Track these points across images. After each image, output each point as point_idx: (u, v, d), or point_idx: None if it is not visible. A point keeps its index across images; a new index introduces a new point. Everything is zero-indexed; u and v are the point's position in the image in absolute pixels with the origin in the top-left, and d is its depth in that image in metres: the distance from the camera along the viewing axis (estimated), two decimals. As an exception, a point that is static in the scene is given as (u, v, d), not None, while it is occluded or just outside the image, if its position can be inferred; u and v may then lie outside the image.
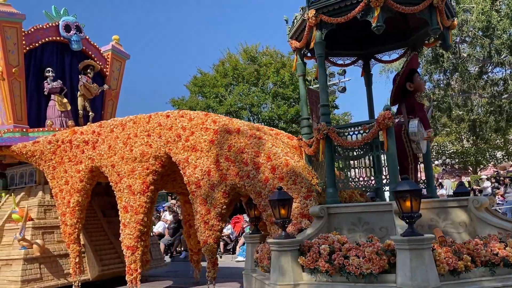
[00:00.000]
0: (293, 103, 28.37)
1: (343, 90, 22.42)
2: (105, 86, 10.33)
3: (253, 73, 28.36)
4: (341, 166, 5.15)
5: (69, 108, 9.51)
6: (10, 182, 9.53)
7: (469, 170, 30.15)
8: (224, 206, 5.80)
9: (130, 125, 6.99)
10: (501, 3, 18.80)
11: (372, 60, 6.66)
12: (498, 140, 27.38)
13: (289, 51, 29.99)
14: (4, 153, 8.51)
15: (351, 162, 5.09)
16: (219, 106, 25.62)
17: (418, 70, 5.49)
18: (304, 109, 5.81)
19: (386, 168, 5.20)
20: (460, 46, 19.72)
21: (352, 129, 4.86)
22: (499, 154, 28.97)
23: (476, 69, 21.10)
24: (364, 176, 5.20)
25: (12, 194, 8.71)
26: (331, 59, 6.46)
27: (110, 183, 7.10)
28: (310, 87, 7.49)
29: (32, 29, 9.28)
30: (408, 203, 3.65)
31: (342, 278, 3.95)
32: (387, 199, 5.24)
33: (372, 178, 4.89)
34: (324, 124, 4.89)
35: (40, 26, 9.43)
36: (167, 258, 12.18)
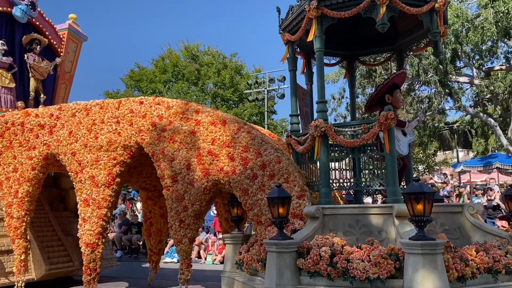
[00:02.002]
0: (233, 105, 28.09)
1: (282, 96, 23.30)
2: (58, 59, 9.27)
3: (194, 72, 27.78)
4: (338, 166, 4.96)
5: (13, 85, 8.46)
6: None
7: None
8: (204, 204, 5.39)
9: (96, 110, 6.35)
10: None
11: (356, 62, 6.63)
12: (420, 154, 28.99)
13: (232, 52, 29.63)
14: None
15: (345, 161, 4.92)
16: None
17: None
18: (294, 105, 5.57)
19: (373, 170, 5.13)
20: (391, 63, 20.68)
21: (351, 128, 4.70)
22: (420, 167, 30.62)
23: (405, 86, 22.35)
24: (350, 177, 5.06)
25: None
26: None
27: (69, 173, 6.39)
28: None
29: (-20, -3, 8.21)
30: (420, 206, 3.52)
31: (345, 283, 3.74)
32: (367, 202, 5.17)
33: (369, 179, 4.75)
34: (322, 121, 4.67)
35: (-11, -6, 8.39)
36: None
